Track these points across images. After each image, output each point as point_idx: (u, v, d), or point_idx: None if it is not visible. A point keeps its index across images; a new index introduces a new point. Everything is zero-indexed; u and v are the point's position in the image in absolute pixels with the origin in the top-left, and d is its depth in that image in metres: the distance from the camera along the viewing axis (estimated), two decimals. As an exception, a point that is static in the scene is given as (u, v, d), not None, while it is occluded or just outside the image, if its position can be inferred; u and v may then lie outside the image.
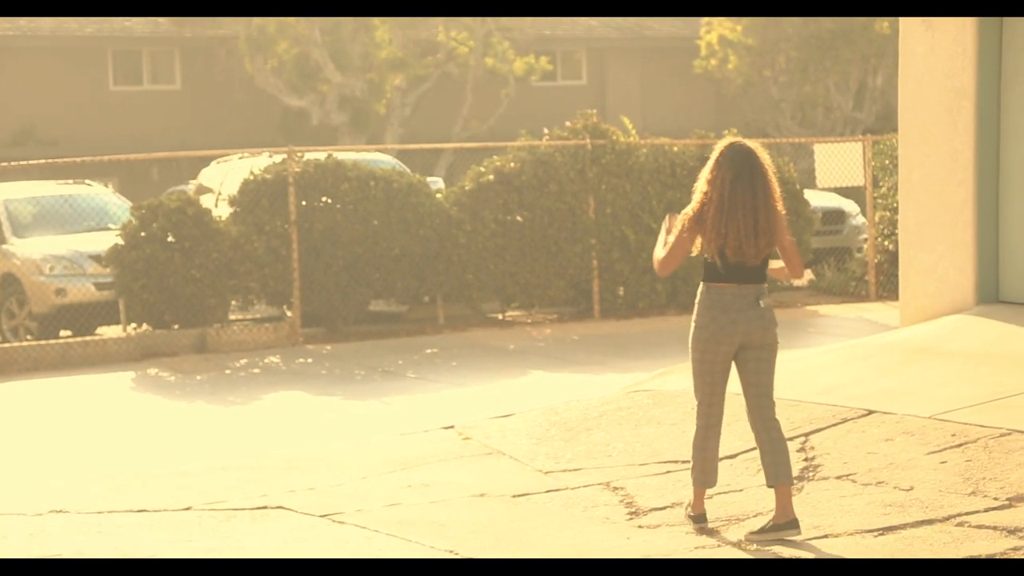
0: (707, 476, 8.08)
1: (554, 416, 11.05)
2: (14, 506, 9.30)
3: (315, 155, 19.09)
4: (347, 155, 20.07)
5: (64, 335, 18.68)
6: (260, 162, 19.41)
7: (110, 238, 18.20)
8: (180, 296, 17.88)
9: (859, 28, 35.48)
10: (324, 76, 35.31)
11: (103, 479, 10.16)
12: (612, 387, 12.75)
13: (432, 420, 11.91)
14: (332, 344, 18.00)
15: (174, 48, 37.79)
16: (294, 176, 18.42)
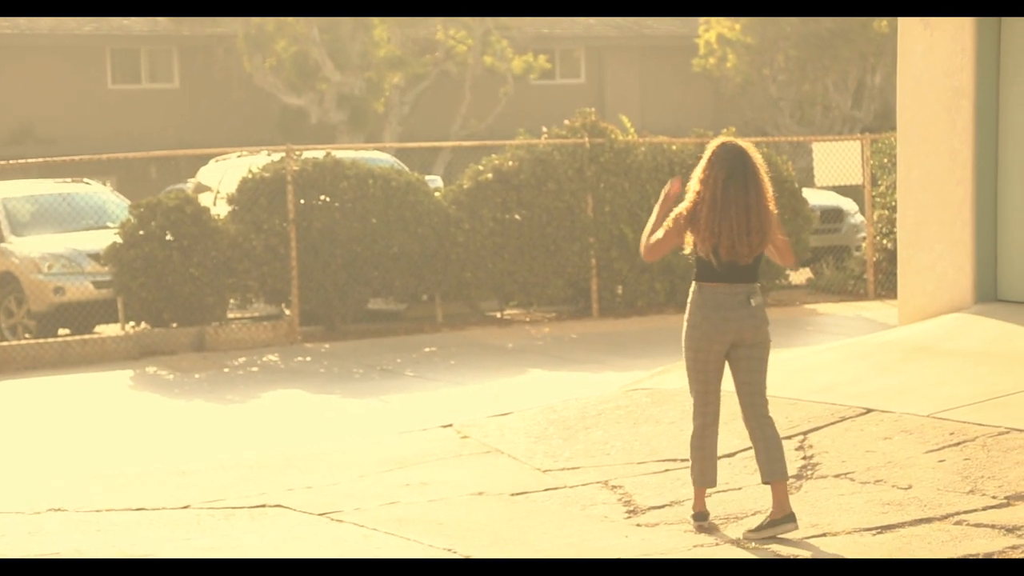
0: (706, 475, 8.08)
1: (552, 415, 11.05)
2: (12, 504, 9.30)
3: (313, 153, 19.08)
4: (345, 153, 20.05)
5: (62, 333, 18.67)
6: (258, 160, 19.40)
7: (108, 236, 18.19)
8: (178, 294, 17.87)
9: (858, 27, 35.48)
10: (323, 74, 35.30)
11: (101, 477, 10.16)
12: (610, 386, 12.75)
13: (430, 418, 11.91)
14: (330, 342, 18.00)
15: (172, 47, 37.78)
16: (292, 174, 18.41)
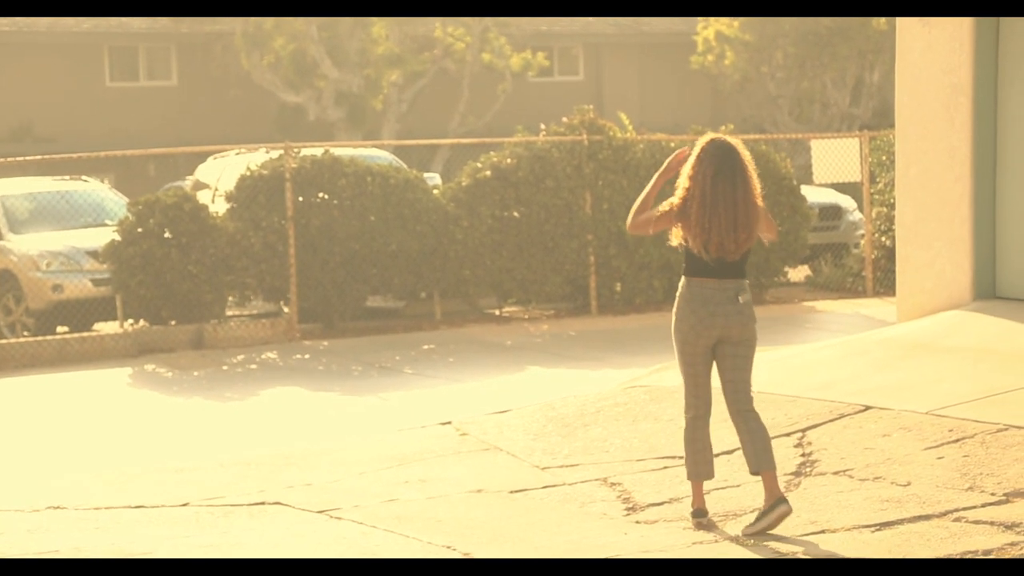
0: (700, 468, 8.08)
1: (551, 412, 11.05)
2: (12, 502, 9.30)
3: (312, 151, 19.08)
4: (344, 151, 20.04)
5: (61, 331, 18.67)
6: (257, 158, 19.40)
7: (107, 234, 18.19)
8: (177, 292, 17.87)
9: (856, 24, 35.47)
10: (321, 72, 35.29)
11: (100, 475, 10.16)
12: (609, 383, 12.75)
13: (429, 416, 11.90)
14: (329, 340, 18.00)
15: (170, 44, 37.77)
16: (291, 172, 18.41)
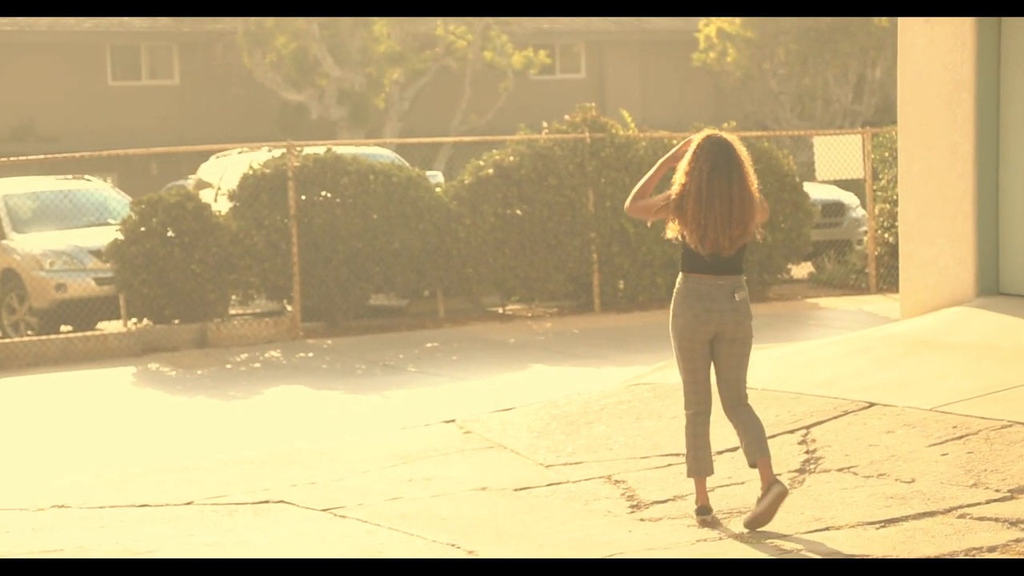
0: (700, 463, 8.08)
1: (555, 410, 11.05)
2: (16, 501, 9.31)
3: (314, 149, 19.09)
4: (346, 149, 20.05)
5: (64, 330, 18.69)
6: (259, 157, 19.41)
7: (110, 233, 18.20)
8: (180, 291, 17.88)
9: (858, 21, 35.46)
10: (323, 70, 35.29)
11: (105, 474, 10.17)
12: (613, 380, 12.75)
13: (433, 414, 11.90)
14: (332, 338, 18.00)
15: (172, 43, 37.78)
16: (293, 170, 18.41)
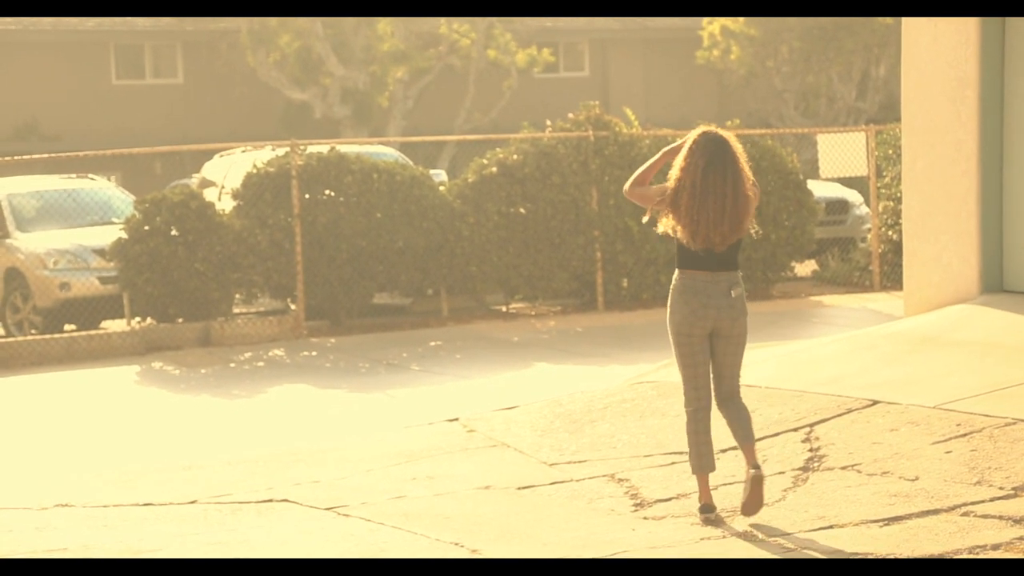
0: (702, 460, 8.09)
1: (558, 408, 11.05)
2: (20, 500, 9.32)
3: (318, 148, 19.08)
4: (350, 148, 20.05)
5: (68, 329, 18.69)
6: (263, 155, 19.41)
7: (114, 232, 18.21)
8: (184, 290, 17.88)
9: (861, 18, 35.42)
10: (326, 69, 35.29)
11: (108, 473, 10.17)
12: (616, 379, 12.75)
13: (436, 413, 11.90)
14: (336, 337, 18.00)
15: (176, 42, 37.79)
16: (297, 169, 18.41)
